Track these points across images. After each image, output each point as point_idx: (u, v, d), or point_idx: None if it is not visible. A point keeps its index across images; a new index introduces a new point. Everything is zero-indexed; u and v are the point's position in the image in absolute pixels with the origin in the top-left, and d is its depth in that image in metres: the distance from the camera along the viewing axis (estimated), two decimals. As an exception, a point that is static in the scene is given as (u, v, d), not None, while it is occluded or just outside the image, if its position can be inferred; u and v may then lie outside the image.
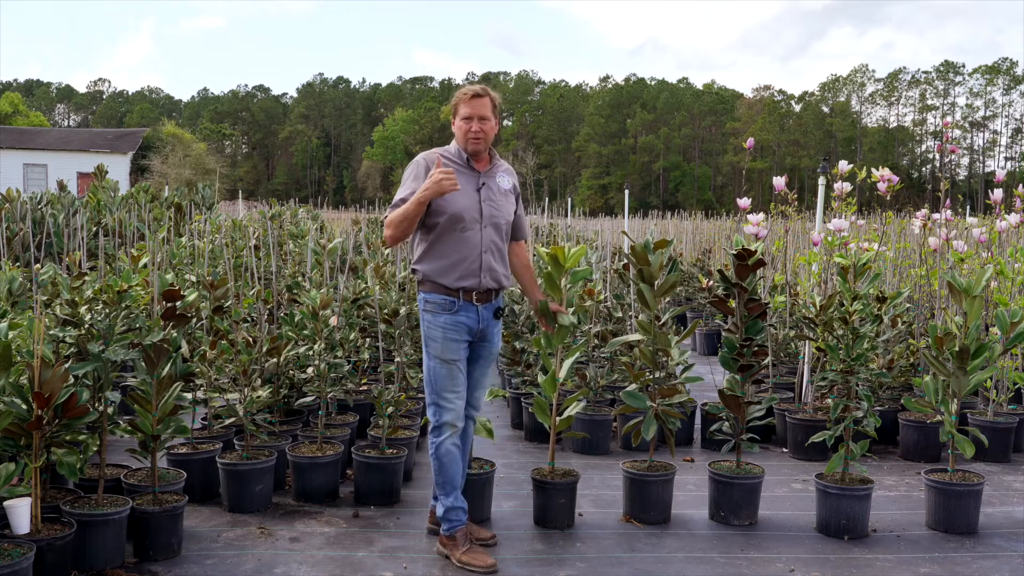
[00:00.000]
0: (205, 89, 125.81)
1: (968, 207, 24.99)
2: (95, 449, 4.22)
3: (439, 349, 4.24)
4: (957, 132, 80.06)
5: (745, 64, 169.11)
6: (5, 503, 3.76)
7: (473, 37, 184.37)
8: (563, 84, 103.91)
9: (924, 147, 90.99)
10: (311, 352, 5.62)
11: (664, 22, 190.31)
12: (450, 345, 4.23)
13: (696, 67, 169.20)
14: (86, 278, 4.81)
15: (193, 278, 6.93)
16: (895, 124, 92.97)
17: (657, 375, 4.97)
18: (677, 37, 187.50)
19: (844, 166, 6.80)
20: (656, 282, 4.75)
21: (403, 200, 4.17)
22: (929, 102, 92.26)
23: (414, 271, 4.33)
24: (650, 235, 5.13)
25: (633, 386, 4.99)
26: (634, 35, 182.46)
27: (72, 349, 4.28)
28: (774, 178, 6.89)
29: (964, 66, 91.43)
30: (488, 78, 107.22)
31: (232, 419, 5.28)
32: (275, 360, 5.62)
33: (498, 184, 4.37)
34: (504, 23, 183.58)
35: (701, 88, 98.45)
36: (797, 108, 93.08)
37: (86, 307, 4.45)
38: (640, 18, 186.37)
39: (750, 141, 6.57)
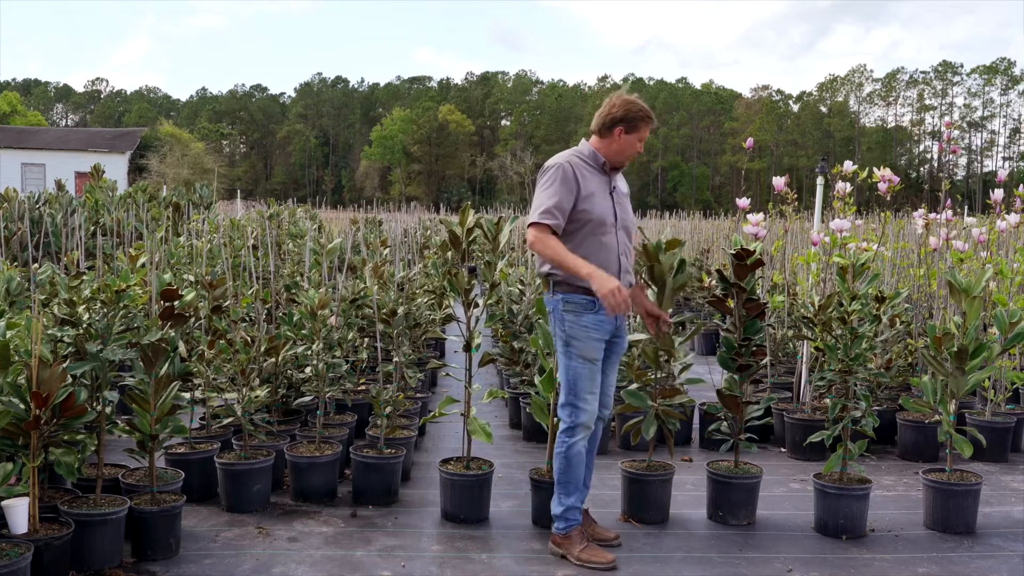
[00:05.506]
0: (203, 89, 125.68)
1: (966, 207, 25.04)
2: (93, 449, 4.22)
3: (583, 348, 4.19)
4: (956, 132, 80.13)
5: (749, 62, 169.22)
6: (3, 503, 3.75)
7: (473, 36, 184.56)
8: (561, 84, 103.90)
9: (922, 147, 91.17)
10: (309, 352, 5.62)
11: (667, 20, 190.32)
12: (594, 344, 4.22)
13: (699, 66, 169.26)
14: (84, 278, 4.81)
15: (191, 278, 6.92)
16: (893, 124, 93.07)
17: (659, 375, 4.97)
18: (680, 35, 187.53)
19: (848, 166, 6.79)
20: (666, 282, 4.73)
21: (557, 208, 4.12)
22: (927, 102, 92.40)
23: (550, 274, 4.26)
24: (663, 236, 5.12)
25: (634, 385, 4.99)
26: (636, 34, 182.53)
27: (70, 349, 4.28)
28: (774, 178, 6.89)
29: (962, 66, 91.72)
30: (487, 77, 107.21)
31: (230, 419, 5.27)
32: (273, 360, 5.62)
33: (620, 188, 4.43)
34: (505, 21, 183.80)
35: (699, 88, 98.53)
36: (795, 108, 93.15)
37: (84, 307, 4.44)
38: (643, 17, 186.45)
39: (749, 141, 6.58)
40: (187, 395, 4.78)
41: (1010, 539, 4.76)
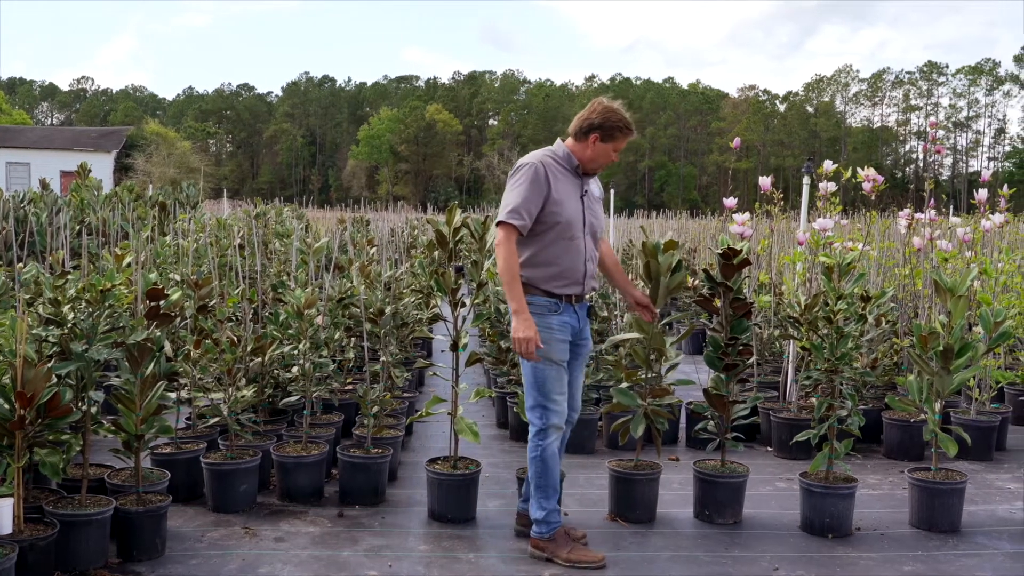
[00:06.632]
0: (190, 87, 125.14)
1: (951, 207, 25.14)
2: (78, 449, 4.20)
3: (549, 350, 4.16)
4: (941, 132, 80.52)
5: (736, 62, 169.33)
6: (-13, 503, 3.73)
7: (460, 35, 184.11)
8: (549, 84, 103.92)
9: (908, 147, 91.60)
10: (296, 351, 5.60)
11: (655, 20, 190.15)
12: (560, 346, 4.20)
13: (686, 65, 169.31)
14: (69, 277, 4.78)
15: (177, 277, 6.89)
16: (879, 124, 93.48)
17: (649, 375, 4.97)
18: (667, 35, 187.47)
19: (829, 166, 6.82)
20: (660, 281, 4.73)
21: (524, 209, 4.09)
22: (913, 102, 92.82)
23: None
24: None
25: (624, 384, 5.00)
26: (624, 34, 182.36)
27: (55, 348, 4.25)
28: (761, 178, 6.91)
29: (947, 66, 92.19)
30: (474, 77, 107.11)
31: (216, 419, 5.25)
32: (260, 359, 5.60)
33: (593, 192, 4.41)
34: (493, 20, 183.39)
35: (687, 88, 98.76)
36: (782, 108, 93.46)
37: (69, 306, 4.42)
38: (631, 17, 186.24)
39: (736, 141, 6.59)
40: (173, 395, 4.76)
41: (995, 537, 4.79)
